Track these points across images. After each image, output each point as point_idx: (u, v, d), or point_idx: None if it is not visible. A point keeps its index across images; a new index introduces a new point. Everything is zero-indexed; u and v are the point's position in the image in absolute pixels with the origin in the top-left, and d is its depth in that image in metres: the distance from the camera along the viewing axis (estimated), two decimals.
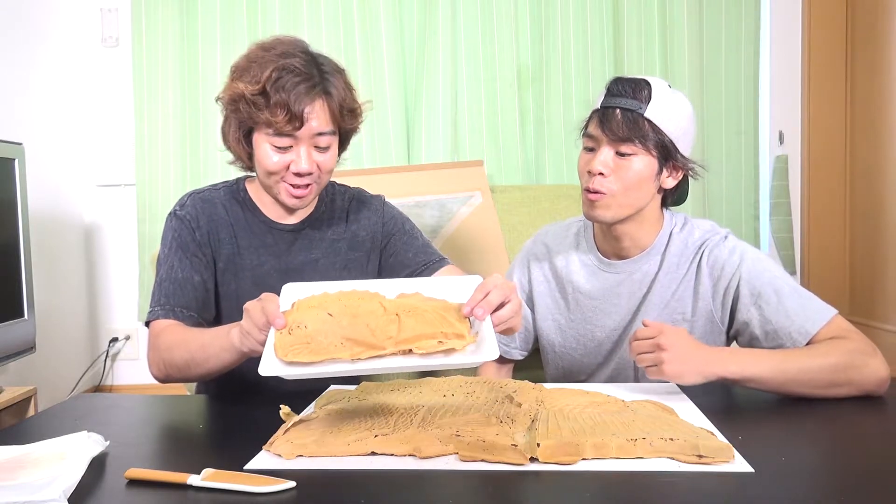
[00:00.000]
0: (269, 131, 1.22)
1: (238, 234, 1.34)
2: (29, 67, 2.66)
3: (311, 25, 2.83)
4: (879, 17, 2.68)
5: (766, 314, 1.22)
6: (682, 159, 1.29)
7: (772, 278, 1.24)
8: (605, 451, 0.86)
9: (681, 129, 1.28)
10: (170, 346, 1.21)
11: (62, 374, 2.79)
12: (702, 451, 0.85)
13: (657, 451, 0.86)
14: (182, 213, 1.33)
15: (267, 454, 0.91)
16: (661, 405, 1.04)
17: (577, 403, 1.05)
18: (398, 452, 0.88)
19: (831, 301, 1.24)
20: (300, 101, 1.19)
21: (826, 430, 1.02)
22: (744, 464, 0.84)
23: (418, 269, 1.40)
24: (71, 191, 2.93)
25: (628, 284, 1.35)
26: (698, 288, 1.30)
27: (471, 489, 0.81)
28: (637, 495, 0.78)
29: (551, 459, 0.85)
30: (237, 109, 1.23)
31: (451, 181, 2.58)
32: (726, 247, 1.29)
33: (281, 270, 1.34)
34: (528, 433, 0.90)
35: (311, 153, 1.25)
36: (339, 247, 1.39)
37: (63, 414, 1.18)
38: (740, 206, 2.93)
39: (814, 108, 2.93)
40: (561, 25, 2.84)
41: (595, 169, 1.25)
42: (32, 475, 0.82)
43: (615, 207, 1.27)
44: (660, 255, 1.33)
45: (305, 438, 0.91)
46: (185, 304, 1.27)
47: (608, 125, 1.24)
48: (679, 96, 1.30)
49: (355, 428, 0.94)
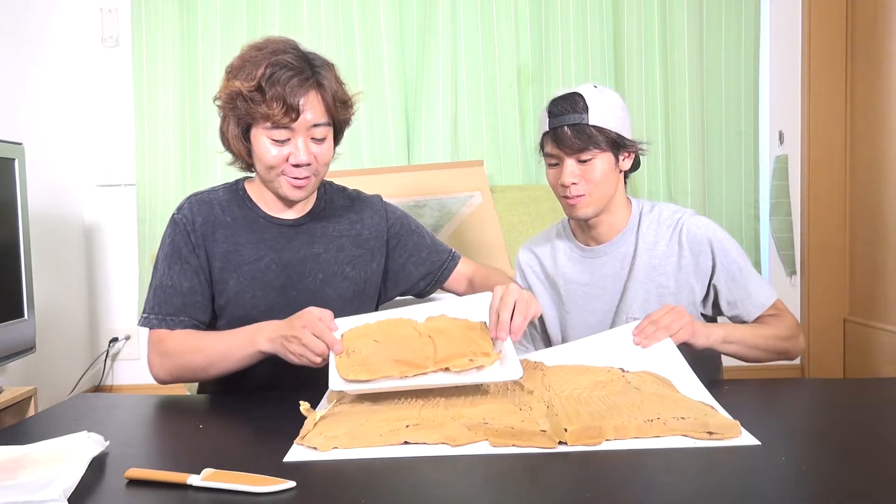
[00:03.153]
0: (267, 125, 1.26)
1: (236, 232, 1.35)
2: (29, 67, 2.66)
3: (311, 25, 2.83)
4: (879, 18, 2.68)
5: (731, 287, 1.43)
6: (629, 144, 1.45)
7: (737, 256, 1.44)
8: (625, 433, 0.94)
9: (620, 120, 1.43)
10: (182, 352, 1.28)
11: (62, 374, 2.79)
12: (712, 428, 0.94)
13: (671, 430, 0.94)
14: (179, 217, 1.36)
15: (300, 447, 0.95)
16: (658, 377, 1.14)
17: (583, 386, 1.11)
18: (430, 441, 0.95)
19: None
20: (294, 93, 1.24)
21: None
22: (751, 438, 0.93)
23: (435, 270, 1.49)
24: (71, 191, 2.93)
25: (611, 265, 1.50)
26: (681, 262, 1.45)
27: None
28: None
29: (578, 442, 0.92)
30: (235, 107, 1.27)
31: (451, 181, 2.59)
32: (701, 223, 1.46)
33: (281, 264, 1.35)
34: (549, 419, 0.97)
35: (308, 144, 1.28)
36: (342, 243, 1.41)
37: (63, 414, 1.18)
38: (740, 206, 2.93)
39: (814, 108, 2.92)
40: (561, 25, 2.84)
41: (567, 181, 1.41)
42: (32, 475, 0.82)
43: (594, 203, 1.43)
44: (634, 234, 1.49)
45: (337, 430, 0.97)
46: (175, 312, 1.32)
47: (563, 142, 1.40)
48: (607, 93, 1.44)
49: (384, 419, 1.00)
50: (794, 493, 0.78)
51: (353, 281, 1.40)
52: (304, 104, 1.25)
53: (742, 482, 0.80)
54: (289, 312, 1.21)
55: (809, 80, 2.92)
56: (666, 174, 2.86)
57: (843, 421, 1.04)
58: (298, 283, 1.36)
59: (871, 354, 2.74)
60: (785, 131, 2.97)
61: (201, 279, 1.33)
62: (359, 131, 2.84)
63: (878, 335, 2.69)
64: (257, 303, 1.33)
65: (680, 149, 2.85)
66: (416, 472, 0.87)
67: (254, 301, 1.33)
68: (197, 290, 1.33)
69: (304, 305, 1.24)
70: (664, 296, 1.45)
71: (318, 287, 1.37)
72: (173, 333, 1.31)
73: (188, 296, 1.32)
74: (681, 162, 2.84)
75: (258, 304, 1.33)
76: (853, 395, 1.22)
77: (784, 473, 0.82)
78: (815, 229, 2.94)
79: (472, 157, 2.83)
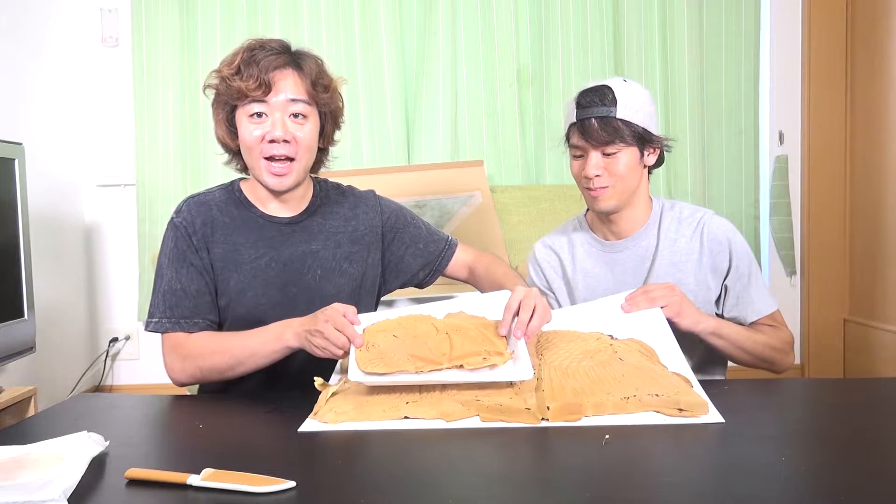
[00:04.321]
0: (245, 102, 1.29)
1: (234, 232, 1.36)
2: (29, 67, 2.66)
3: (311, 25, 2.83)
4: (879, 17, 2.68)
5: (738, 289, 1.45)
6: (655, 139, 1.45)
7: (750, 260, 1.47)
8: (602, 409, 1.03)
9: (647, 115, 1.43)
10: (205, 354, 1.29)
11: (62, 374, 2.79)
12: (682, 406, 1.03)
13: (645, 406, 1.04)
14: (178, 221, 1.36)
15: (313, 421, 1.05)
16: (643, 345, 1.20)
17: (573, 355, 1.19)
18: (428, 417, 1.04)
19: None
20: (269, 69, 1.28)
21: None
22: (717, 415, 1.02)
23: (433, 260, 1.51)
24: (71, 191, 2.93)
25: (633, 260, 1.50)
26: (701, 259, 1.46)
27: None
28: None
29: (559, 419, 1.02)
30: (219, 93, 1.33)
31: (451, 181, 2.59)
32: (722, 224, 1.48)
33: (280, 262, 1.36)
34: (536, 394, 1.06)
35: (285, 122, 1.30)
36: (339, 239, 1.42)
37: (63, 414, 1.18)
38: (740, 206, 2.92)
39: (814, 108, 2.92)
40: (561, 25, 2.84)
41: (591, 173, 1.41)
42: (32, 475, 0.82)
43: (616, 196, 1.43)
44: (655, 229, 1.49)
45: (346, 406, 1.07)
46: (188, 315, 1.32)
47: (589, 134, 1.39)
48: (636, 87, 1.43)
49: (388, 395, 1.09)
50: (793, 493, 0.78)
51: (351, 276, 1.41)
52: (279, 80, 1.28)
53: (742, 482, 0.80)
54: (290, 309, 1.23)
55: (809, 80, 2.92)
56: (666, 174, 2.86)
57: (842, 421, 1.05)
58: (298, 280, 1.36)
59: (871, 354, 2.74)
60: (785, 131, 2.97)
61: (207, 280, 1.34)
62: (359, 131, 2.84)
63: (878, 335, 2.69)
64: (259, 301, 1.34)
65: (680, 149, 2.85)
66: (417, 472, 0.87)
67: (255, 299, 1.34)
68: (205, 291, 1.34)
69: (304, 302, 1.25)
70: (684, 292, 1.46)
71: (317, 284, 1.37)
72: (192, 336, 1.31)
73: (198, 297, 1.33)
74: (681, 162, 2.84)
75: (260, 302, 1.34)
76: (853, 395, 1.22)
77: (784, 473, 0.82)
78: (815, 229, 2.94)
79: (472, 157, 2.83)
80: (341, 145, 1.42)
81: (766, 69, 2.96)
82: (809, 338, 2.94)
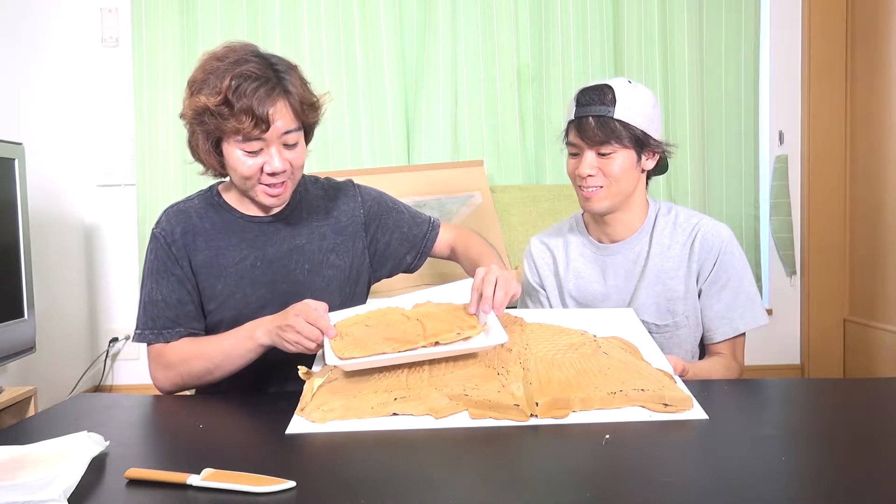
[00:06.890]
0: (238, 138, 1.24)
1: (216, 237, 1.36)
2: (29, 67, 2.66)
3: (311, 25, 2.83)
4: (879, 17, 2.68)
5: (710, 296, 1.43)
6: (654, 143, 1.42)
7: (738, 275, 1.43)
8: (590, 404, 1.04)
9: (647, 119, 1.40)
10: (183, 360, 1.29)
11: (62, 374, 2.79)
12: (667, 401, 1.03)
13: (631, 401, 1.04)
14: (157, 231, 1.37)
15: (301, 419, 1.04)
16: (626, 342, 1.20)
17: (557, 347, 1.18)
18: (416, 413, 1.04)
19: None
20: (263, 104, 1.22)
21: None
22: (701, 412, 1.03)
23: (418, 243, 1.51)
24: (71, 191, 2.92)
25: (624, 265, 1.49)
26: (691, 266, 1.45)
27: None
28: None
29: (547, 415, 1.02)
30: (203, 122, 1.25)
31: (451, 181, 2.59)
32: (717, 231, 1.45)
33: (266, 260, 1.36)
34: (524, 386, 1.06)
35: (281, 152, 1.27)
36: (323, 232, 1.42)
37: (63, 414, 1.18)
38: (740, 206, 2.92)
39: (814, 108, 2.92)
40: (561, 25, 2.84)
41: (584, 172, 1.40)
42: (32, 475, 0.82)
43: (609, 198, 1.42)
44: (648, 235, 1.48)
45: (333, 403, 1.05)
46: (169, 325, 1.33)
47: (585, 133, 1.38)
48: (640, 89, 1.41)
49: (375, 390, 1.08)
50: (792, 493, 0.78)
51: (339, 268, 1.41)
52: (273, 113, 1.23)
53: (742, 482, 0.80)
54: (281, 306, 1.23)
55: (809, 80, 2.92)
56: (666, 174, 2.86)
57: (842, 421, 1.04)
58: (287, 277, 1.36)
59: (871, 354, 2.74)
60: (785, 131, 2.97)
61: (189, 289, 1.34)
62: (359, 131, 2.83)
63: (878, 335, 2.69)
64: (248, 301, 1.34)
65: (680, 148, 2.84)
66: (417, 472, 0.87)
67: (245, 300, 1.34)
68: (186, 300, 1.34)
69: (296, 298, 1.25)
70: (673, 300, 1.44)
71: (306, 278, 1.38)
72: (172, 344, 1.32)
73: (179, 307, 1.33)
74: (681, 162, 2.84)
75: (249, 302, 1.34)
76: (853, 395, 1.21)
77: (784, 473, 0.82)
78: (815, 229, 2.94)
79: (472, 157, 2.83)
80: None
81: (766, 69, 2.96)
82: (809, 338, 2.94)
